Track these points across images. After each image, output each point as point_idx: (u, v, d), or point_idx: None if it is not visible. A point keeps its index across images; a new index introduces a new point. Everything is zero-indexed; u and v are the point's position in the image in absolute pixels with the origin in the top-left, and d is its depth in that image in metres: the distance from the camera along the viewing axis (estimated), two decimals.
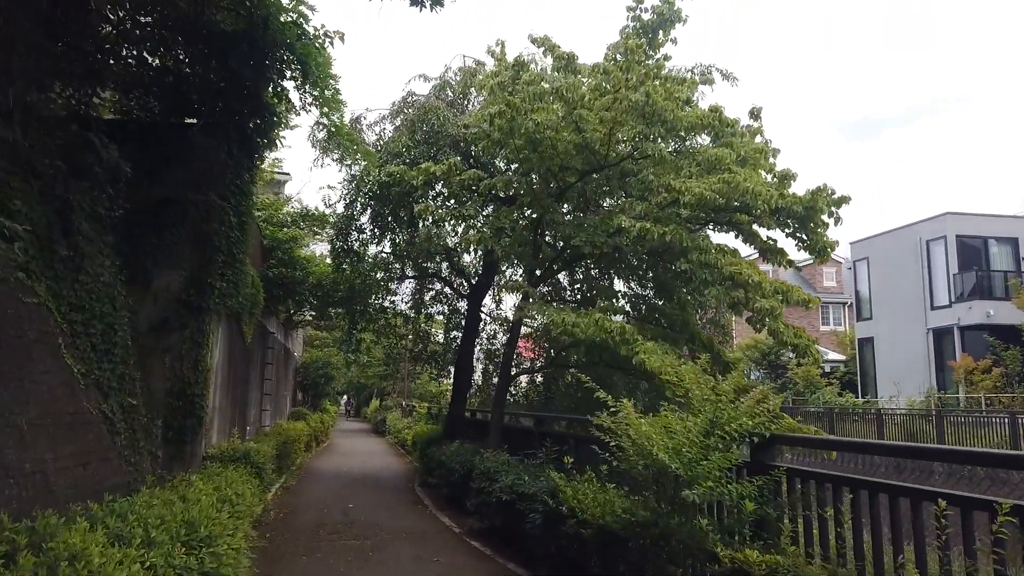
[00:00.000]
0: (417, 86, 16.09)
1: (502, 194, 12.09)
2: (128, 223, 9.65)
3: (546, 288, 15.49)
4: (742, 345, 34.83)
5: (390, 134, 13.81)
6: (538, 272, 11.20)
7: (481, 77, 12.07)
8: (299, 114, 10.24)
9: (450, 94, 13.93)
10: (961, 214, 29.48)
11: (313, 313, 22.33)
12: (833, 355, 42.86)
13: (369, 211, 14.16)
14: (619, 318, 10.56)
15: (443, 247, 16.82)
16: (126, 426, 7.55)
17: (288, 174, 23.14)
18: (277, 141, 11.10)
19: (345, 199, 14.38)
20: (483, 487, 9.00)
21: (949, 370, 28.15)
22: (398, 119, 13.86)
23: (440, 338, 18.60)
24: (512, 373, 11.54)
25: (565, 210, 11.70)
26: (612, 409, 5.92)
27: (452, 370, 18.28)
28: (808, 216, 9.03)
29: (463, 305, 18.20)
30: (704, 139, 10.30)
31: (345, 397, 59.71)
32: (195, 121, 10.13)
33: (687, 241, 8.57)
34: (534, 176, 10.51)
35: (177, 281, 9.74)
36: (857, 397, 32.79)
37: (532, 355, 19.78)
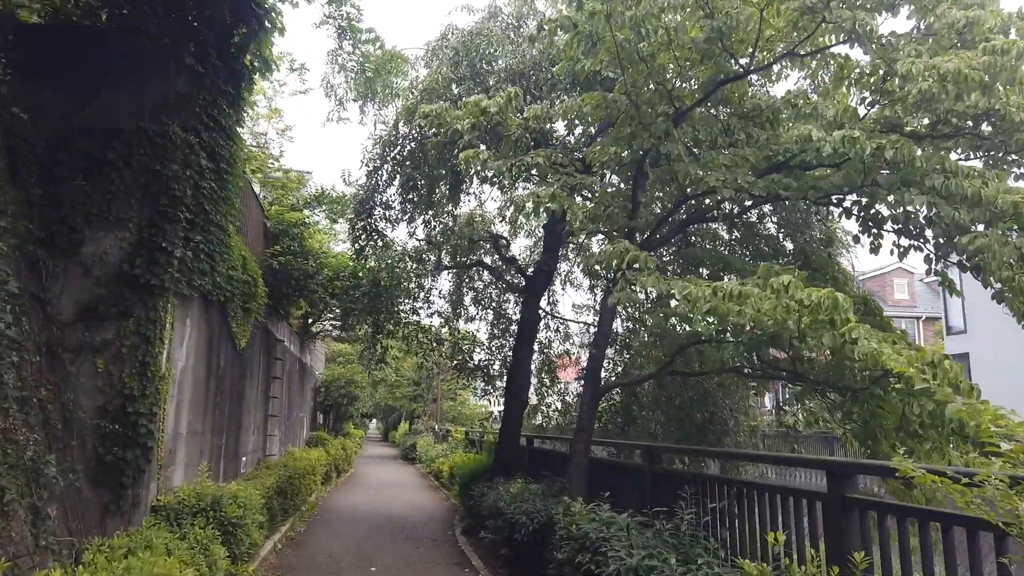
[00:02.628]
0: (459, 18, 12.96)
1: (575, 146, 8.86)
2: (48, 162, 6.63)
3: None
4: None
5: (424, 79, 10.69)
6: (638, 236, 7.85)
7: None
8: (297, 4, 7.11)
9: (499, 26, 10.77)
10: None
11: (336, 322, 19.27)
12: None
13: (398, 179, 11.01)
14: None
15: (488, 233, 13.64)
16: None
17: (310, 172, 20.22)
18: (272, 62, 8.00)
19: (368, 164, 11.25)
20: (578, 560, 5.63)
21: None
22: (435, 61, 10.75)
23: (482, 347, 15.22)
24: (603, 385, 8.21)
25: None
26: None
27: (498, 386, 14.97)
28: None
29: (511, 307, 14.95)
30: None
31: (373, 421, 56.48)
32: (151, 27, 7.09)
33: (921, 161, 5.21)
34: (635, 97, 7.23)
35: (118, 246, 6.63)
36: None
37: (574, 374, 16.34)
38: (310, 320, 19.65)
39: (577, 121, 11.44)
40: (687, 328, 9.55)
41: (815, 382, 5.78)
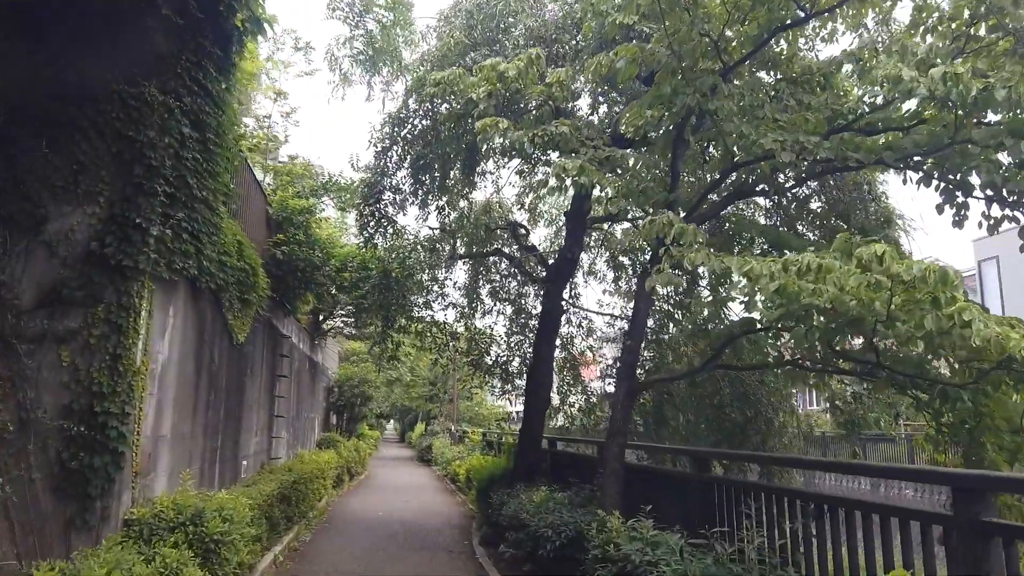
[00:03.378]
0: None
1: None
2: (7, 129, 5.85)
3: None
4: None
5: (436, 48, 9.82)
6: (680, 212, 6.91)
7: None
8: None
9: None
10: None
11: (348, 319, 18.48)
12: None
13: (409, 159, 10.15)
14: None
15: (506, 221, 12.78)
16: None
17: (320, 165, 19.38)
18: (265, 21, 7.19)
19: (377, 144, 10.41)
20: None
21: None
22: (447, 28, 9.88)
23: (500, 343, 14.25)
24: (638, 382, 7.26)
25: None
26: None
27: (518, 384, 14.07)
28: None
29: (530, 300, 14.07)
30: None
31: (391, 422, 55.71)
32: None
33: None
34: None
35: (86, 223, 5.82)
36: None
37: (596, 373, 15.43)
38: (321, 317, 18.92)
39: (602, 98, 10.57)
40: (725, 317, 8.63)
41: (901, 375, 4.83)
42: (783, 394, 10.16)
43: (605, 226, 14.37)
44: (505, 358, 13.29)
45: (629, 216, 9.70)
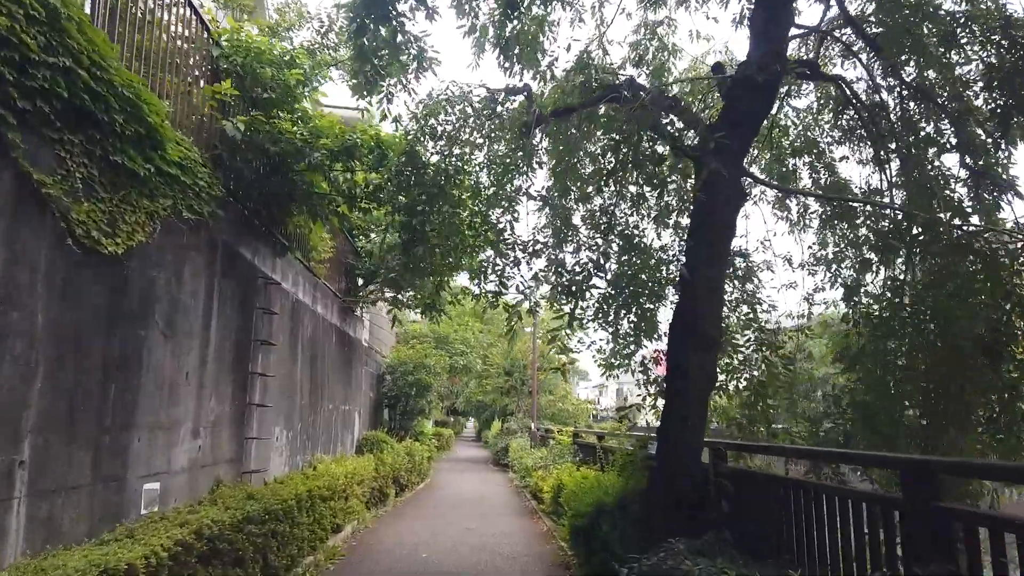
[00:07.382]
0: None
1: None
2: None
3: None
4: None
5: None
6: None
7: None
8: None
9: None
10: None
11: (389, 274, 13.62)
12: None
13: None
14: None
15: (613, 76, 7.60)
16: None
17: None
18: None
19: None
20: None
21: None
22: None
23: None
24: None
25: None
26: None
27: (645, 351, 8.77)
28: None
29: (648, 225, 8.74)
30: None
31: (472, 419, 51.19)
32: None
33: None
34: None
35: None
36: None
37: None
38: (360, 280, 14.30)
39: None
40: None
41: None
42: None
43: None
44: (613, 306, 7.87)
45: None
